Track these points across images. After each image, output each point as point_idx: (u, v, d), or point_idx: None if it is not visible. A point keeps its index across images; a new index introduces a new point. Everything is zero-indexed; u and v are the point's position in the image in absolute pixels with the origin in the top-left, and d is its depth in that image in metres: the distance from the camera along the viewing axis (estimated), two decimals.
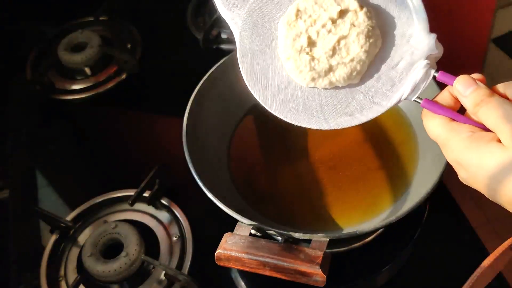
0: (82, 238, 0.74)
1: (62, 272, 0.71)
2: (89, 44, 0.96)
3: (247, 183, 0.69)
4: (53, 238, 0.74)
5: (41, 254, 0.72)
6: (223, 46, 0.97)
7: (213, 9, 1.03)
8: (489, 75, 0.46)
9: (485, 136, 0.40)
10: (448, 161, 0.44)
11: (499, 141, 0.40)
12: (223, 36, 0.98)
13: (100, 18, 1.03)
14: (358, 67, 0.46)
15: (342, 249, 0.65)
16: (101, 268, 0.67)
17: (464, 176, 0.43)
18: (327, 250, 0.55)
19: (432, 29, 0.47)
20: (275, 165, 0.72)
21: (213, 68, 0.72)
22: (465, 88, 0.42)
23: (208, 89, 0.71)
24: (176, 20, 1.05)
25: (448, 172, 0.58)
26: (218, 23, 0.98)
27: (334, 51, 0.47)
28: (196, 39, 0.97)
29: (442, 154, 0.59)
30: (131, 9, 1.07)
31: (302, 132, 0.73)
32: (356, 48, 0.46)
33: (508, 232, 0.50)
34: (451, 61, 0.50)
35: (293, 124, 0.46)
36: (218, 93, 0.72)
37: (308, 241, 0.56)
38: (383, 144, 0.71)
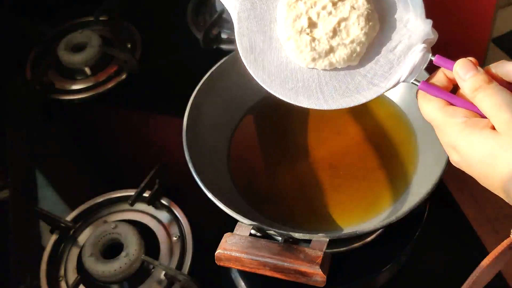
0: (82, 238, 0.74)
1: (62, 272, 0.71)
2: (89, 44, 0.96)
3: (247, 183, 0.69)
4: (53, 238, 0.74)
5: (41, 254, 0.72)
6: (223, 46, 0.97)
7: (213, 9, 1.04)
8: None
9: (479, 122, 0.41)
10: (442, 144, 0.45)
11: (493, 127, 0.41)
12: (223, 36, 0.98)
13: (100, 18, 1.03)
14: (358, 49, 0.47)
15: (342, 249, 0.65)
16: (101, 268, 0.67)
17: (456, 159, 0.44)
18: (327, 250, 0.55)
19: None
20: (275, 165, 0.72)
21: (213, 68, 0.72)
22: (464, 72, 0.43)
23: (208, 89, 0.71)
24: (176, 20, 1.05)
25: (448, 171, 0.58)
26: (218, 22, 0.99)
27: (334, 32, 0.47)
28: (196, 39, 0.97)
29: (442, 154, 0.59)
30: (131, 9, 1.07)
31: (302, 132, 0.73)
32: (356, 30, 0.47)
33: (508, 232, 0.50)
34: (452, 57, 0.50)
35: (293, 124, 0.47)
36: (218, 93, 0.72)
37: (308, 241, 0.56)
38: (383, 144, 0.71)
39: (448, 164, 0.58)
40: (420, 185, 0.62)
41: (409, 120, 0.71)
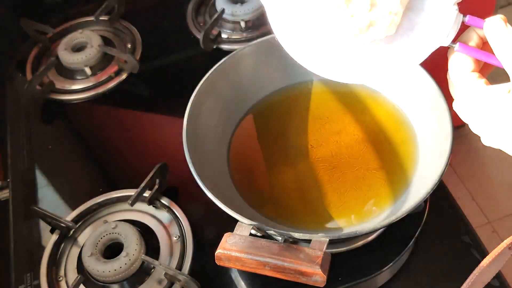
0: (82, 238, 0.74)
1: (62, 272, 0.71)
2: (89, 44, 0.97)
3: (247, 183, 0.70)
4: (53, 238, 0.74)
5: (41, 254, 0.72)
6: (223, 46, 0.97)
7: (213, 9, 1.04)
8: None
9: (497, 88, 0.43)
10: (457, 109, 0.46)
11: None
12: (223, 36, 0.98)
13: (100, 18, 1.03)
14: (396, 19, 0.46)
15: (342, 249, 0.65)
16: (101, 268, 0.67)
17: (473, 125, 0.45)
18: (327, 250, 0.55)
19: None
20: (275, 165, 0.72)
21: (213, 68, 0.72)
22: (493, 31, 0.44)
23: (208, 89, 0.71)
24: (176, 20, 1.05)
25: (448, 172, 0.58)
26: (218, 22, 0.99)
27: (372, 4, 0.46)
28: (196, 39, 0.98)
29: (442, 154, 0.60)
30: (131, 9, 1.07)
31: (302, 132, 0.73)
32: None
33: (508, 232, 0.50)
34: None
35: (293, 124, 0.46)
36: (218, 93, 0.72)
37: (308, 241, 0.56)
38: (383, 144, 0.71)
39: (448, 164, 0.58)
40: (420, 185, 0.62)
41: (409, 120, 0.71)
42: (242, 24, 0.99)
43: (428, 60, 0.48)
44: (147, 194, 0.75)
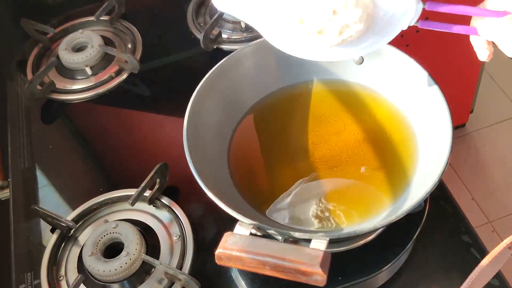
0: (83, 237, 0.74)
1: (62, 272, 0.71)
2: (90, 44, 0.97)
3: (247, 183, 0.70)
4: (54, 237, 0.74)
5: (41, 254, 0.72)
6: (223, 46, 0.97)
7: (213, 9, 1.04)
8: (489, 74, 0.47)
9: None
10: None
11: None
12: (223, 36, 0.99)
13: (101, 18, 1.04)
14: (365, 15, 0.52)
15: (342, 248, 0.65)
16: (101, 268, 0.67)
17: None
18: (327, 250, 0.55)
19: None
20: (275, 165, 0.72)
21: (213, 68, 0.72)
22: None
23: (208, 89, 0.71)
24: (176, 20, 1.06)
25: (448, 172, 0.58)
26: (218, 23, 0.99)
27: (334, 12, 0.51)
28: (196, 39, 0.98)
29: (442, 153, 0.60)
30: (131, 9, 1.08)
31: (302, 132, 0.73)
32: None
33: (508, 232, 0.50)
34: (452, 57, 0.50)
35: (293, 124, 0.48)
36: (218, 93, 0.72)
37: (308, 241, 0.56)
38: (383, 144, 0.71)
39: (448, 164, 0.58)
40: (420, 185, 0.63)
41: (409, 120, 0.71)
42: (242, 24, 0.99)
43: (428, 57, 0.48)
44: (147, 193, 0.75)
